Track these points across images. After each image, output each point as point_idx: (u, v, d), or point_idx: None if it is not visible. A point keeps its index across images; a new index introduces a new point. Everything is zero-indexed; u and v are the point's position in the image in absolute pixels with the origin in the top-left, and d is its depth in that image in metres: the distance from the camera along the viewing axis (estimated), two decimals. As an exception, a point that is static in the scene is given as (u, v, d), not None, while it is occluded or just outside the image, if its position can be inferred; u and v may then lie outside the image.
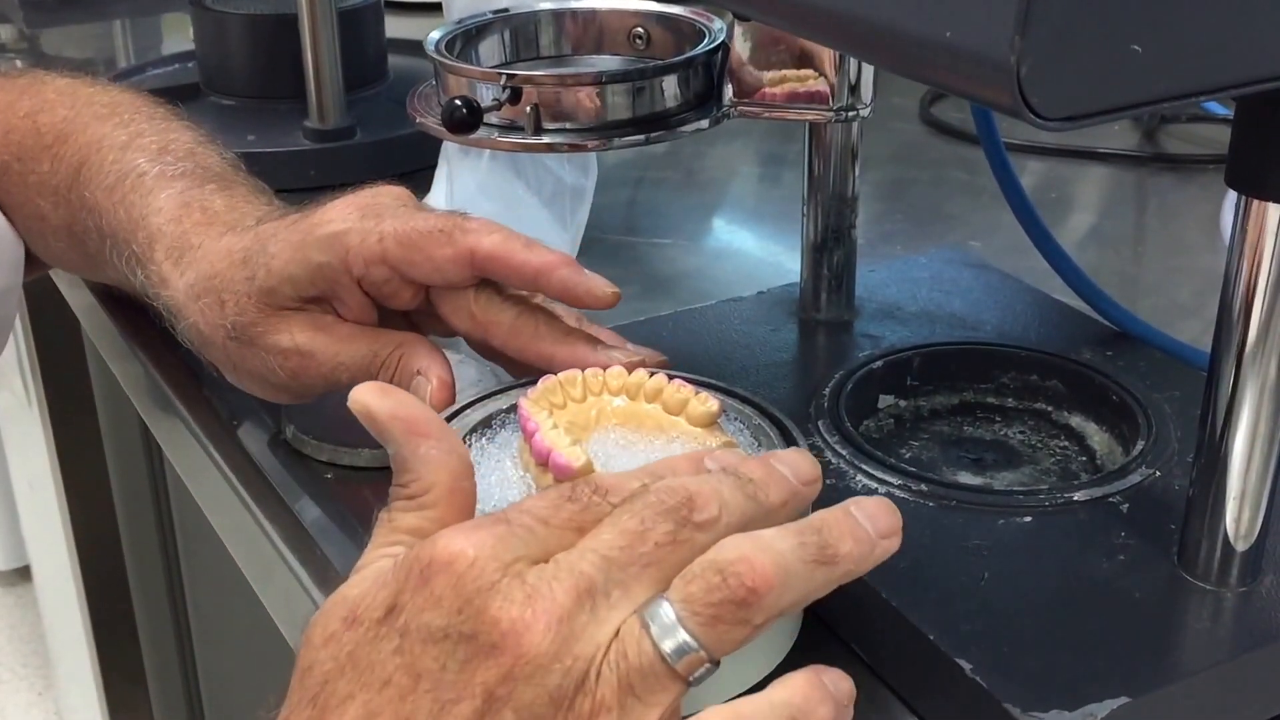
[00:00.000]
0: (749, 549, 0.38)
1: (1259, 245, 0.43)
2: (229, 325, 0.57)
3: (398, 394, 0.43)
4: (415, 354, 0.56)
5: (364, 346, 0.56)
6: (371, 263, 0.55)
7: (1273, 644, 0.45)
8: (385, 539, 0.41)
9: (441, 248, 0.54)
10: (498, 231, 0.55)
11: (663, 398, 0.49)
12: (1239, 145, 0.43)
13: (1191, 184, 0.98)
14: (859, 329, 0.65)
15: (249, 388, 0.60)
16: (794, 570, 0.38)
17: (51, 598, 1.61)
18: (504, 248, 0.54)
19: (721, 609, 0.37)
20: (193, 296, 0.58)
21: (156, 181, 0.62)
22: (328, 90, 0.91)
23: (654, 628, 0.37)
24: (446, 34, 0.65)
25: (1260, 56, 0.34)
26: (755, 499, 0.41)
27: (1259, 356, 0.44)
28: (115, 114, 0.67)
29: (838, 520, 0.40)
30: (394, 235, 0.55)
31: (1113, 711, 0.42)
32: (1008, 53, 0.31)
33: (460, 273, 0.55)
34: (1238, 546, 0.47)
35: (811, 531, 0.39)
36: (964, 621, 0.46)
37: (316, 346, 0.56)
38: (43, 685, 2.03)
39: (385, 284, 0.56)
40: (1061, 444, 0.59)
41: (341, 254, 0.55)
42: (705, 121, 0.62)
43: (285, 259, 0.56)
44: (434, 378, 0.55)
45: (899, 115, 1.11)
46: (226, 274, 0.58)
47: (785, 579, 0.38)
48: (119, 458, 1.19)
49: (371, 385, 0.43)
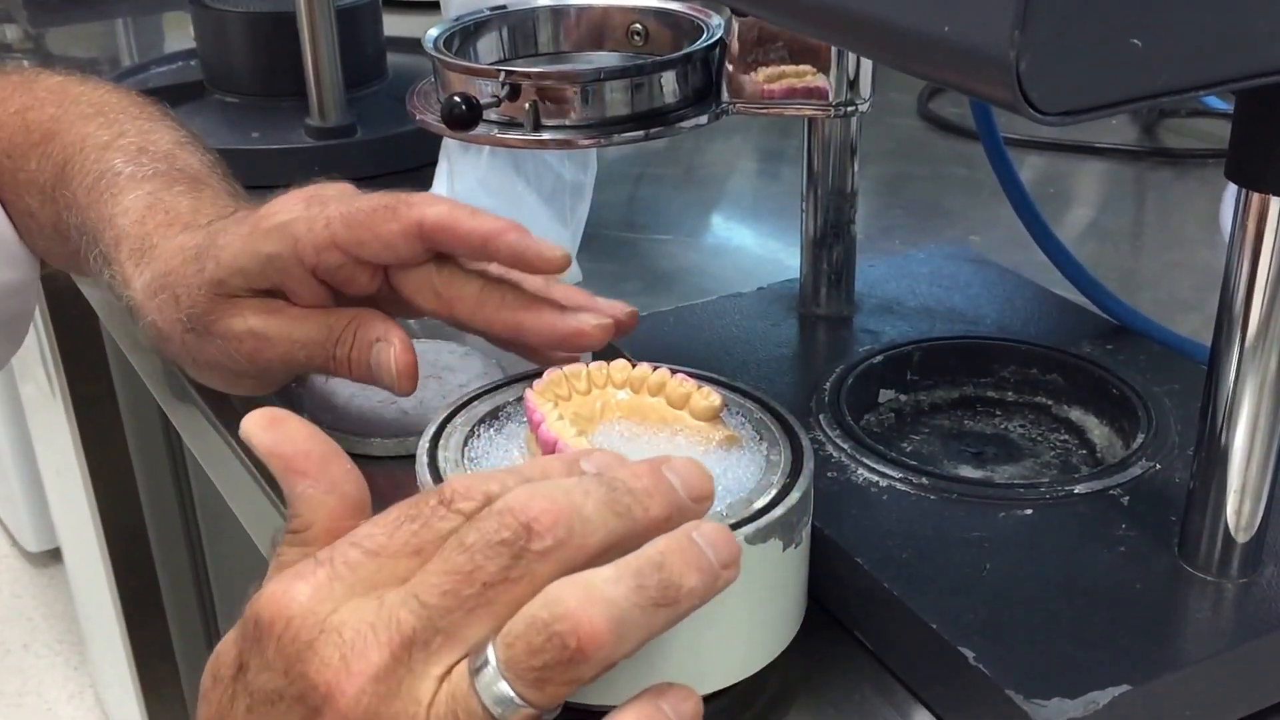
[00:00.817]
0: (575, 603, 0.34)
1: (1259, 238, 0.43)
2: (184, 318, 0.57)
3: (286, 427, 0.41)
4: (371, 324, 0.56)
5: (318, 324, 0.56)
6: (322, 249, 0.55)
7: (1273, 634, 0.45)
8: (273, 573, 0.40)
9: (388, 223, 0.54)
10: (442, 203, 0.54)
11: (666, 392, 0.49)
12: (1239, 138, 0.43)
13: (1190, 178, 0.99)
14: (859, 324, 0.66)
15: (210, 381, 0.60)
16: (630, 620, 0.35)
17: (82, 579, 1.64)
18: (449, 216, 0.54)
19: (546, 671, 0.35)
20: (149, 294, 0.59)
21: (128, 182, 0.63)
22: (327, 88, 0.91)
23: (480, 683, 0.35)
24: (445, 31, 0.65)
25: (1260, 50, 0.34)
26: (629, 514, 0.37)
27: (1260, 349, 0.44)
28: (101, 113, 0.68)
29: (681, 552, 0.37)
30: (340, 218, 0.55)
31: (1114, 699, 0.42)
32: (1007, 47, 0.31)
33: (410, 247, 0.54)
34: (1238, 538, 0.47)
35: (652, 570, 0.36)
36: (967, 611, 0.46)
37: (270, 328, 0.56)
38: (78, 660, 2.07)
39: (340, 269, 0.55)
40: (1062, 437, 0.59)
41: (290, 243, 0.55)
42: (704, 117, 0.62)
43: (234, 251, 0.56)
44: (395, 340, 0.55)
45: (897, 111, 1.11)
46: (179, 270, 0.58)
47: (619, 631, 0.35)
48: (141, 445, 1.21)
49: (260, 415, 0.42)
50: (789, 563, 0.47)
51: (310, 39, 0.89)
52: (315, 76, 0.91)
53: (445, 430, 0.51)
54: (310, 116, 0.93)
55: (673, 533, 0.37)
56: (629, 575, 0.36)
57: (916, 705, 0.48)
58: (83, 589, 1.67)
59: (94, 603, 1.55)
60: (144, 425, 1.17)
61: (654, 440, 0.48)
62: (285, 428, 0.41)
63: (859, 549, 0.49)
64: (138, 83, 1.04)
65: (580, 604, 0.35)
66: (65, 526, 1.69)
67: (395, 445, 0.61)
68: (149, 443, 1.17)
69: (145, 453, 1.21)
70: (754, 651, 0.47)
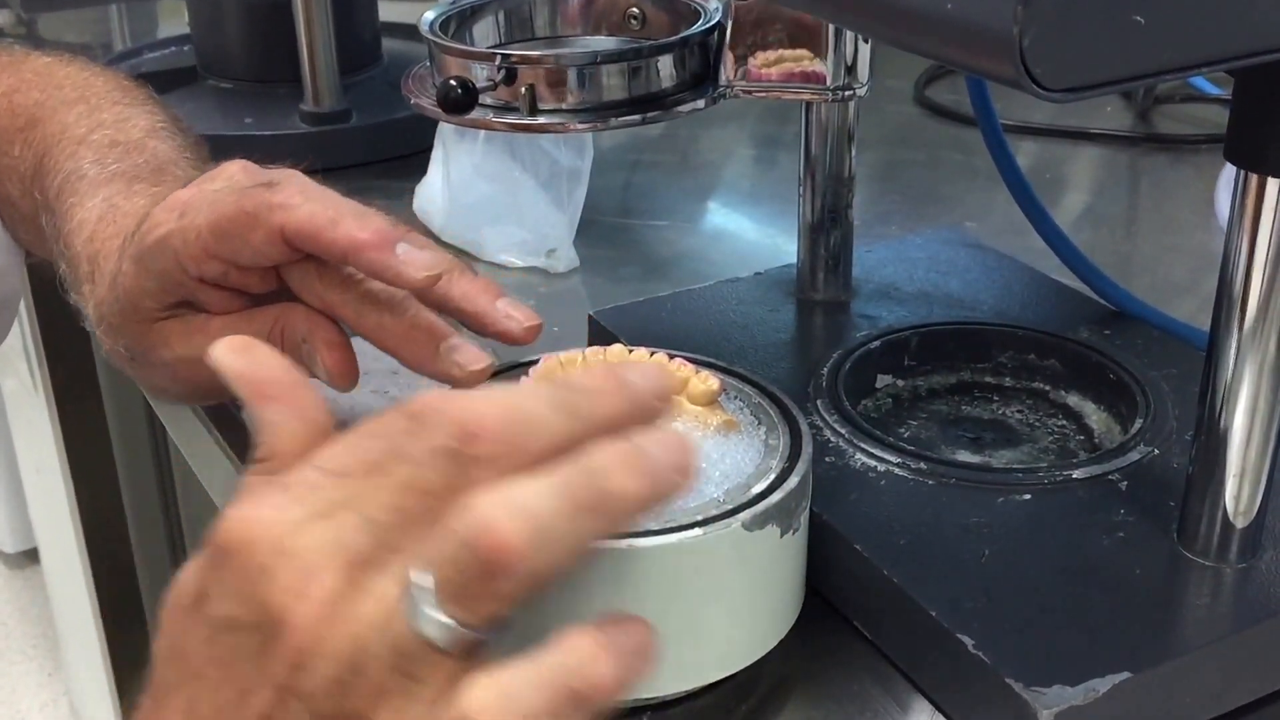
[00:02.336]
0: (492, 512, 0.33)
1: (1258, 220, 0.43)
2: (124, 349, 0.57)
3: (255, 352, 0.40)
4: (294, 323, 0.53)
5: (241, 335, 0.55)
6: (200, 260, 0.52)
7: (1273, 619, 0.45)
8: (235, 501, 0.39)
9: (253, 230, 0.51)
10: (306, 205, 0.51)
11: (662, 377, 0.49)
12: (1238, 119, 0.42)
13: (1185, 163, 0.98)
14: (856, 309, 0.65)
15: (170, 400, 0.59)
16: (552, 528, 0.33)
17: (59, 581, 1.62)
18: (310, 224, 0.50)
19: (469, 586, 0.33)
20: (97, 322, 0.57)
21: (89, 187, 0.61)
22: (322, 74, 0.91)
23: (411, 608, 0.34)
24: (441, 14, 0.65)
25: (1261, 28, 0.34)
26: (577, 414, 0.36)
27: (1259, 332, 0.44)
28: (83, 100, 0.66)
29: (617, 454, 0.35)
30: (208, 227, 0.52)
31: (1115, 686, 0.42)
32: (1010, 23, 0.31)
33: (280, 251, 0.51)
34: (1237, 523, 0.47)
35: (579, 473, 0.34)
36: (965, 598, 0.46)
37: (195, 350, 0.54)
38: (52, 666, 2.04)
39: (225, 275, 0.53)
40: (1059, 423, 0.59)
41: (172, 258, 0.53)
42: (701, 102, 0.61)
43: (131, 275, 0.54)
44: (319, 343, 0.53)
45: (894, 97, 1.11)
46: (107, 299, 0.56)
47: (540, 541, 0.33)
48: (124, 441, 1.20)
49: (230, 340, 0.40)
50: (787, 549, 0.46)
51: (305, 24, 0.89)
52: (310, 62, 0.90)
53: (440, 418, 0.50)
54: (304, 102, 0.92)
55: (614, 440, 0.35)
56: (554, 482, 0.34)
57: (915, 694, 0.47)
58: (59, 592, 1.65)
59: (71, 607, 1.52)
60: (129, 421, 1.15)
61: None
62: (255, 353, 0.40)
63: (857, 535, 0.49)
64: (130, 68, 1.04)
65: (498, 513, 0.33)
66: (43, 526, 1.67)
67: None
68: (133, 440, 1.15)
69: (129, 450, 1.19)
70: (752, 640, 0.47)
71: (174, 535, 1.13)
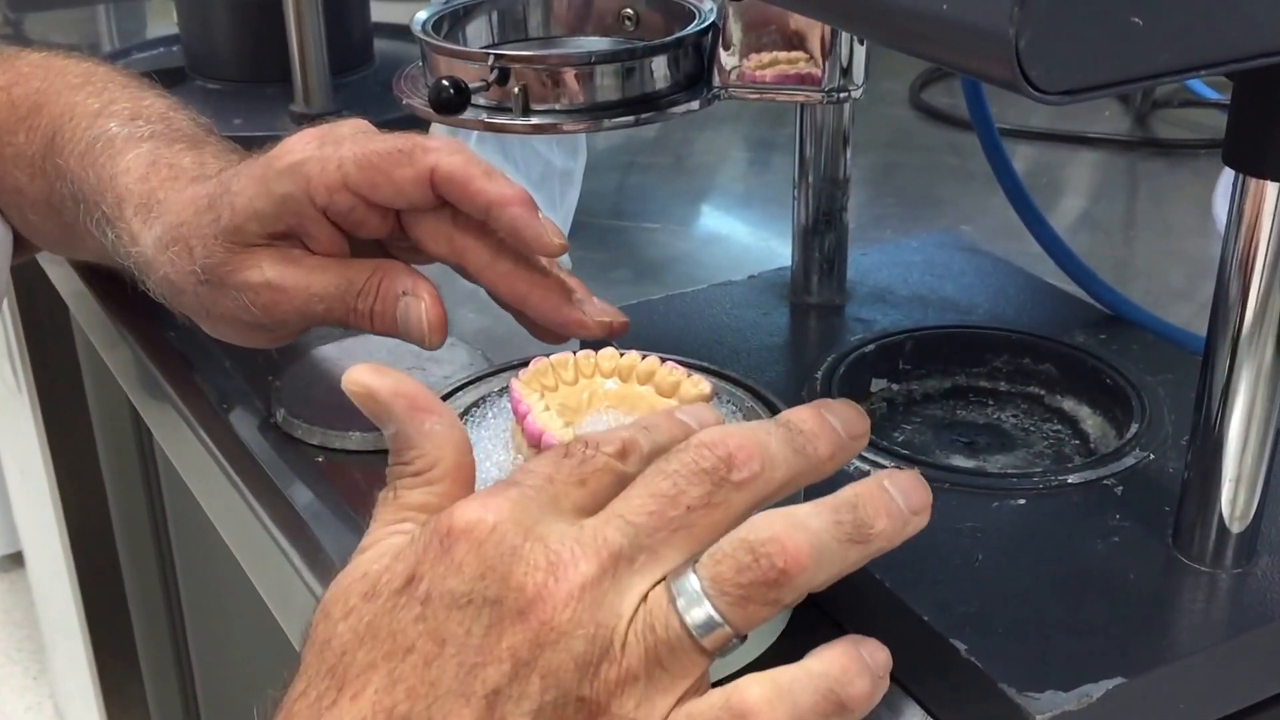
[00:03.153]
0: (782, 528, 0.37)
1: (1256, 224, 0.43)
2: (198, 270, 0.57)
3: (393, 372, 0.41)
4: (396, 277, 0.55)
5: (337, 276, 0.56)
6: (334, 190, 0.54)
7: (1268, 625, 0.45)
8: (392, 516, 0.40)
9: (401, 168, 0.53)
10: (460, 153, 0.54)
11: (655, 380, 0.49)
12: (1237, 123, 0.42)
13: (1182, 168, 0.98)
14: (850, 313, 0.65)
15: (224, 334, 0.59)
16: (827, 550, 0.37)
17: (44, 583, 1.61)
18: (463, 171, 0.53)
19: (751, 589, 0.37)
20: (161, 248, 0.58)
21: (125, 144, 0.62)
22: (313, 74, 0.90)
23: (681, 602, 0.37)
24: (433, 14, 0.64)
25: (1259, 31, 0.34)
26: (804, 452, 0.40)
27: (1256, 337, 0.44)
28: (89, 83, 0.67)
29: (872, 496, 0.39)
30: (353, 159, 0.54)
31: (1108, 692, 0.42)
32: (1006, 24, 0.30)
33: (422, 194, 0.54)
34: (1233, 528, 0.47)
35: (847, 509, 0.38)
36: (959, 603, 0.45)
37: (287, 279, 0.55)
38: (37, 670, 2.03)
39: (351, 211, 0.55)
40: (1054, 427, 0.59)
41: (303, 184, 0.54)
42: (695, 103, 0.61)
43: (249, 195, 0.55)
44: (424, 295, 0.54)
45: (889, 100, 1.11)
46: (192, 221, 0.57)
47: (818, 559, 0.37)
48: (110, 443, 1.19)
49: (365, 366, 0.41)
50: (780, 552, 0.46)
51: (296, 23, 0.88)
52: (300, 62, 0.90)
53: (429, 420, 0.50)
54: (294, 103, 0.92)
55: (866, 479, 0.39)
56: (826, 510, 0.38)
57: (907, 699, 0.47)
58: (45, 595, 1.64)
59: (56, 609, 1.52)
60: (114, 423, 1.14)
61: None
62: (394, 373, 0.41)
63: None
64: (119, 68, 1.03)
65: (787, 529, 0.37)
66: (28, 529, 1.66)
67: (374, 439, 0.60)
68: (119, 442, 1.14)
69: (114, 452, 1.18)
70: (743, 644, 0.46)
71: (160, 538, 1.12)
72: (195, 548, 1.02)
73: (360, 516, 0.56)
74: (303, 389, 0.64)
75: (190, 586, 1.09)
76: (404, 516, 0.40)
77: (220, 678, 1.08)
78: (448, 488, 0.40)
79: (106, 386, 1.09)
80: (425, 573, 0.37)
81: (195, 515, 0.81)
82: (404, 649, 0.36)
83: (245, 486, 0.61)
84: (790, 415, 0.41)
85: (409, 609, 0.37)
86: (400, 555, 0.38)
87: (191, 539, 1.02)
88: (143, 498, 1.11)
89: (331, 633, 0.38)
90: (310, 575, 0.54)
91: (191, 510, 0.88)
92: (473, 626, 0.36)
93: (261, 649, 0.84)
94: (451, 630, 0.36)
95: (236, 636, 0.96)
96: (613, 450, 0.39)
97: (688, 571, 0.37)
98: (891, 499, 0.39)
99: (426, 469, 0.40)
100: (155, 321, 0.73)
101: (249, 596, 0.66)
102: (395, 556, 0.38)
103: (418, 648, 0.36)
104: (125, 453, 1.11)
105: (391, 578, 0.37)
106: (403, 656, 0.36)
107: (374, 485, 0.42)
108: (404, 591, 0.37)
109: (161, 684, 1.27)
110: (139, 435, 1.08)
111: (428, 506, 0.40)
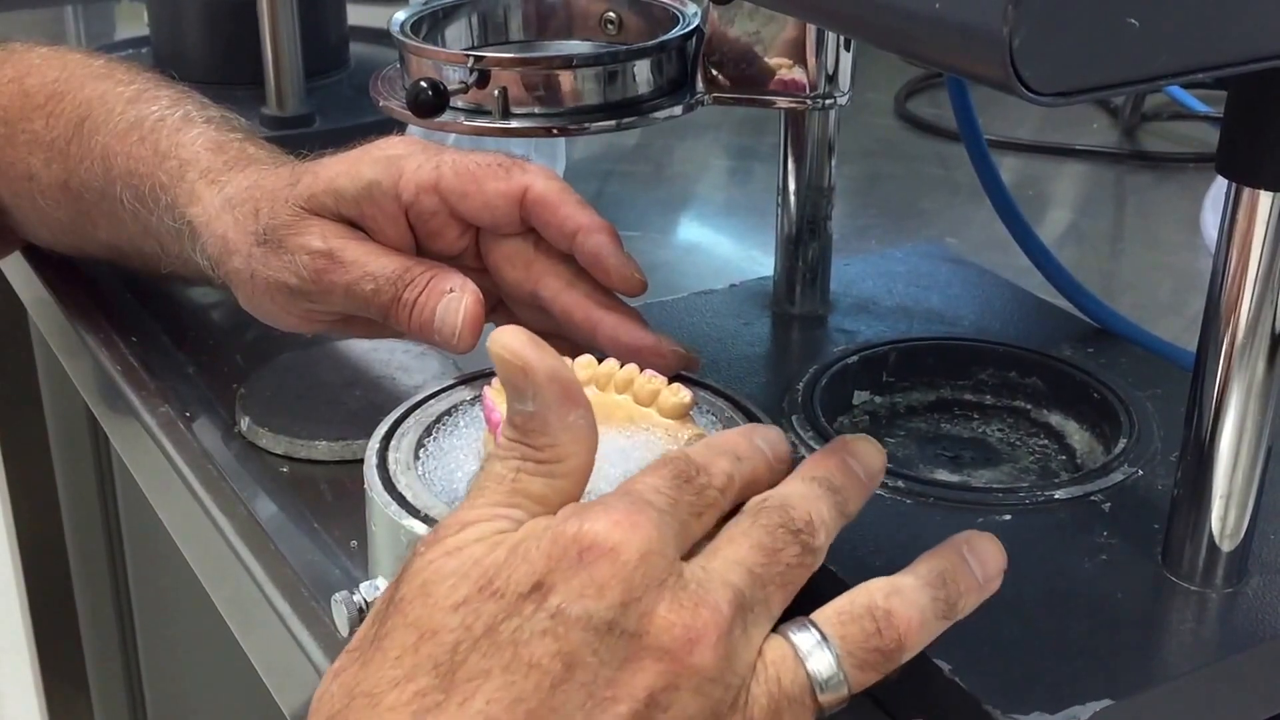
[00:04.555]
0: (901, 604, 0.39)
1: (1249, 235, 0.42)
2: (260, 230, 0.57)
3: (549, 348, 0.39)
4: (447, 275, 0.55)
5: (396, 261, 0.56)
6: (424, 189, 0.55)
7: (1258, 647, 0.44)
8: (504, 499, 0.38)
9: (497, 181, 0.55)
10: (554, 179, 0.55)
11: (634, 388, 0.48)
12: (1230, 132, 0.42)
13: (1171, 182, 0.98)
14: (833, 323, 0.64)
15: (261, 304, 0.59)
16: (929, 625, 0.39)
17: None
18: (557, 195, 0.55)
19: (874, 655, 0.38)
20: (228, 208, 0.59)
21: (183, 123, 0.63)
22: (286, 76, 0.89)
23: (809, 659, 0.38)
24: (412, 16, 0.63)
25: (1254, 35, 0.33)
26: (844, 512, 0.41)
27: (1247, 351, 0.43)
28: (112, 75, 0.68)
29: (963, 574, 0.40)
30: (451, 164, 0.55)
31: (1096, 714, 0.41)
32: (1000, 24, 0.30)
33: (508, 212, 0.55)
34: (1223, 547, 0.46)
35: (942, 585, 0.40)
36: (943, 622, 0.44)
37: (348, 251, 0.56)
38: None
39: (432, 217, 0.56)
40: (1041, 442, 0.58)
41: (395, 175, 0.55)
42: (678, 108, 0.60)
43: (336, 170, 0.56)
44: (470, 293, 0.54)
45: (874, 110, 1.10)
46: (269, 184, 0.58)
47: (923, 635, 0.39)
48: (65, 453, 1.18)
49: (519, 331, 0.39)
50: (760, 568, 0.45)
51: (270, 25, 0.87)
52: (274, 64, 0.89)
53: (397, 431, 0.49)
54: (267, 105, 0.91)
55: (950, 547, 0.41)
56: (929, 587, 0.40)
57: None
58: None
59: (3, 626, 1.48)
60: (70, 432, 1.13)
61: (620, 438, 0.47)
62: (550, 350, 0.39)
63: (832, 554, 0.47)
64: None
65: (904, 604, 0.39)
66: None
67: (341, 449, 0.60)
68: (74, 452, 1.13)
69: (69, 462, 1.17)
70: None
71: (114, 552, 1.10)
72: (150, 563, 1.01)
73: (326, 530, 0.55)
74: (269, 397, 0.63)
75: (143, 603, 1.07)
76: (516, 503, 0.38)
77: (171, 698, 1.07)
78: (570, 486, 0.39)
79: (64, 394, 1.07)
80: (557, 584, 0.35)
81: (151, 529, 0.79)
82: (527, 663, 0.34)
83: (207, 497, 0.59)
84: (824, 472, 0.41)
85: (536, 620, 0.35)
86: (520, 552, 0.36)
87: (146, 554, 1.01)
88: (97, 510, 1.09)
89: (440, 623, 0.35)
90: (272, 588, 0.53)
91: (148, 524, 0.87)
92: (608, 656, 0.35)
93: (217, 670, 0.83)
94: (584, 656, 0.35)
95: (191, 655, 0.95)
96: (721, 485, 0.40)
97: (808, 628, 0.38)
98: (973, 574, 0.41)
99: (555, 460, 0.38)
100: (117, 328, 0.72)
101: (206, 613, 0.65)
102: (513, 550, 0.36)
103: (544, 666, 0.34)
104: (81, 463, 1.10)
105: (515, 576, 0.35)
106: (525, 671, 0.34)
107: (340, 496, 0.40)
108: (530, 598, 0.35)
109: (108, 699, 1.26)
110: (96, 445, 1.06)
111: (545, 501, 0.38)
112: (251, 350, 0.68)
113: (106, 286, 0.65)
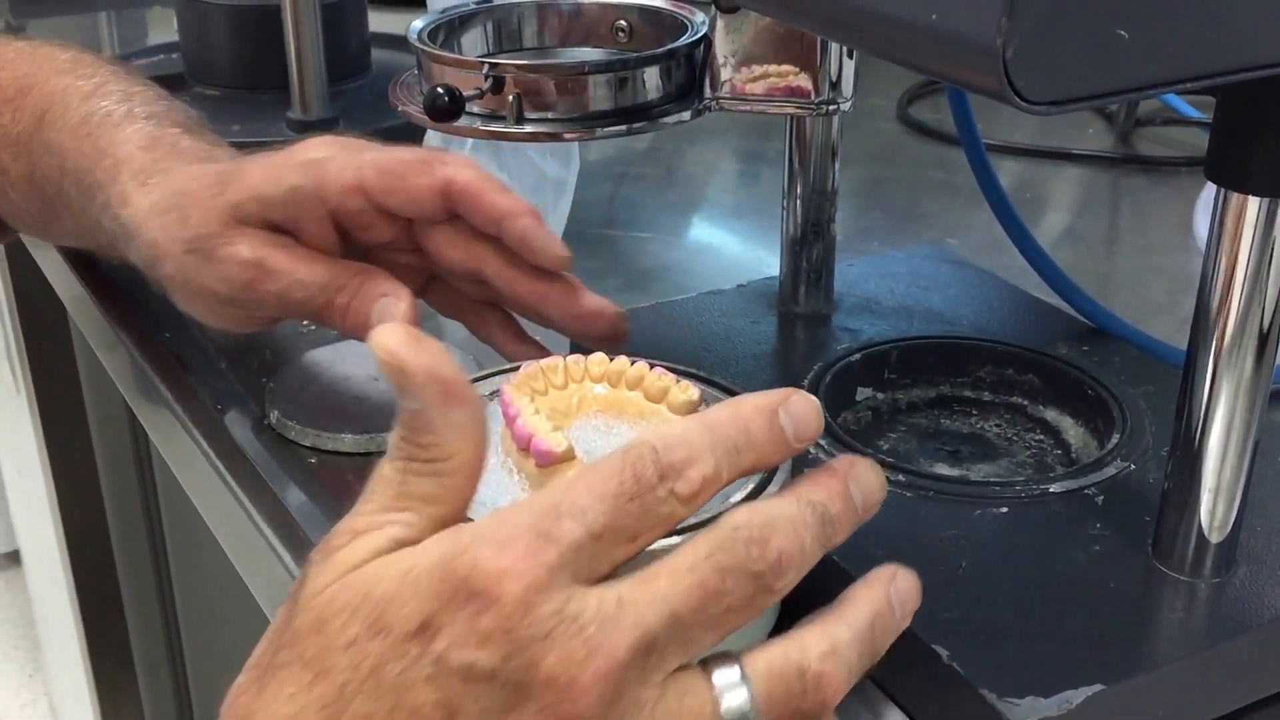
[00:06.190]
0: (832, 665, 0.38)
1: (1237, 239, 0.43)
2: (189, 238, 0.57)
3: (430, 345, 0.38)
4: (378, 281, 0.56)
5: (325, 268, 0.57)
6: (348, 191, 0.56)
7: (1246, 634, 0.45)
8: (393, 501, 0.38)
9: (419, 176, 0.56)
10: (474, 169, 0.56)
11: (644, 385, 0.49)
12: (1219, 139, 0.43)
13: (1164, 185, 0.99)
14: (837, 322, 0.66)
15: (195, 308, 0.60)
16: (853, 682, 0.39)
17: (40, 582, 1.61)
18: (478, 185, 0.56)
19: (797, 714, 0.37)
20: (156, 213, 0.58)
21: (124, 119, 0.63)
22: (310, 81, 0.91)
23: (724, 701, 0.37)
24: (429, 23, 0.65)
25: (1243, 46, 0.34)
26: (827, 545, 0.40)
27: (1236, 349, 0.44)
28: (77, 67, 0.68)
29: (887, 619, 0.40)
30: (373, 164, 0.56)
31: (1088, 699, 0.42)
32: (994, 35, 0.31)
33: (434, 204, 0.56)
34: (1212, 538, 0.47)
35: (873, 638, 0.39)
36: (941, 610, 0.46)
37: (276, 261, 0.56)
38: (33, 668, 2.03)
39: (359, 214, 0.56)
40: (1037, 437, 0.59)
41: (319, 179, 0.56)
42: (687, 113, 0.62)
43: (260, 177, 0.57)
44: (404, 298, 0.56)
45: (877, 115, 1.11)
46: (196, 191, 0.58)
47: (845, 691, 0.38)
48: (106, 444, 1.20)
49: (400, 329, 0.38)
50: (765, 557, 0.46)
51: (294, 31, 0.89)
52: (298, 69, 0.90)
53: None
54: (291, 110, 0.92)
55: (876, 592, 0.40)
56: (860, 644, 0.39)
57: (888, 704, 0.47)
58: (41, 593, 1.64)
59: (52, 608, 1.52)
60: (110, 425, 1.15)
61: (632, 434, 0.48)
62: (429, 346, 0.38)
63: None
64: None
65: (836, 666, 0.38)
66: (25, 528, 1.66)
67: (367, 441, 0.61)
68: (115, 443, 1.15)
69: (110, 453, 1.19)
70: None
71: (155, 537, 1.13)
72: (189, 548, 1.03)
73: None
74: (296, 391, 0.64)
75: (184, 586, 1.09)
76: (406, 505, 0.38)
77: (213, 676, 1.08)
78: (459, 483, 0.38)
79: (103, 388, 1.09)
80: (442, 626, 0.34)
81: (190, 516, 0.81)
82: (409, 709, 0.34)
83: (239, 487, 0.61)
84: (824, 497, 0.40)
85: (421, 666, 0.34)
86: (411, 581, 0.35)
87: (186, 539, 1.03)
88: (138, 498, 1.11)
89: (331, 662, 0.35)
90: (301, 574, 0.55)
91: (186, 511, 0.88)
92: (489, 705, 0.34)
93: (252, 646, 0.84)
94: (464, 705, 0.34)
95: (230, 635, 0.96)
96: (689, 492, 0.37)
97: (734, 668, 0.37)
98: (897, 620, 0.40)
99: (441, 459, 0.38)
100: (151, 325, 0.74)
101: (242, 596, 0.66)
102: (403, 577, 0.35)
103: (424, 714, 0.34)
104: (121, 453, 1.12)
105: (403, 612, 0.35)
106: (407, 717, 0.34)
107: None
108: (416, 639, 0.35)
109: (155, 682, 1.28)
110: (135, 436, 1.08)
111: (434, 500, 0.38)
112: (280, 345, 0.70)
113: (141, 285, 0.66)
